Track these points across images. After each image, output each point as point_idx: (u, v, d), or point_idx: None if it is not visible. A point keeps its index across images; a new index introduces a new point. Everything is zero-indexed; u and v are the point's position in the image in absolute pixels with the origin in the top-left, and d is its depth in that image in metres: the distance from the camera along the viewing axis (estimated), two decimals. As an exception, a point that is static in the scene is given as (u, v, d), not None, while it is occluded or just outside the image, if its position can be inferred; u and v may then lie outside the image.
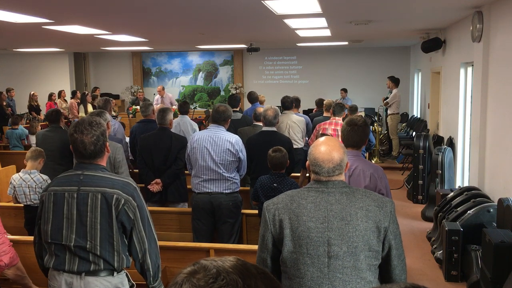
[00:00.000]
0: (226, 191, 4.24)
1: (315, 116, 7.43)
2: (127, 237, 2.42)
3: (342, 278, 1.98)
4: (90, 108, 10.56)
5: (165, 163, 4.84)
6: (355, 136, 2.99)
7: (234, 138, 4.24)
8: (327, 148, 2.08)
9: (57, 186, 2.44)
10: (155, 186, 4.81)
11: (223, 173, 4.20)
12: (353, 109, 7.69)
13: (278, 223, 2.05)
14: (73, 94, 11.86)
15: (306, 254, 1.99)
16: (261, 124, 5.45)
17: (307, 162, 2.15)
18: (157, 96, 11.80)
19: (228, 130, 4.41)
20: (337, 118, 5.89)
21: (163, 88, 11.88)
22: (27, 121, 10.98)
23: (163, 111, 4.99)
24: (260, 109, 5.64)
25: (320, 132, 5.83)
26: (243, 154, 4.29)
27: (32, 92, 12.10)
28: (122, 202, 2.35)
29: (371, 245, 1.99)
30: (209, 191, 4.23)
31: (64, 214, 2.38)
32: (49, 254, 2.45)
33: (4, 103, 11.04)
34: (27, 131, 8.90)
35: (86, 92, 10.70)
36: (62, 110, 8.59)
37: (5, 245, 3.43)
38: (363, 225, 1.98)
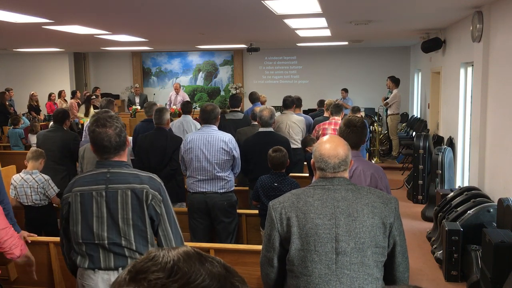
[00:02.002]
0: (221, 191, 4.26)
1: (316, 116, 7.45)
2: (155, 233, 2.43)
3: (350, 275, 1.99)
4: (91, 109, 10.54)
5: (161, 163, 4.85)
6: (354, 137, 3.00)
7: (228, 137, 4.27)
8: (332, 144, 2.12)
9: (82, 186, 2.40)
10: None
11: (217, 173, 4.22)
12: (355, 109, 7.77)
13: (285, 221, 2.06)
14: (73, 94, 11.85)
15: (314, 251, 2.00)
16: None
17: (312, 160, 2.17)
18: (172, 93, 11.95)
19: (229, 130, 4.42)
20: (336, 118, 5.92)
21: (180, 86, 12.21)
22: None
23: (160, 111, 5.00)
24: (258, 109, 5.63)
25: (320, 133, 5.84)
26: (237, 152, 4.32)
27: (32, 92, 12.10)
28: (150, 197, 2.36)
29: (378, 241, 2.01)
30: (204, 190, 4.26)
31: (94, 213, 2.37)
32: (81, 255, 2.43)
33: (7, 103, 11.03)
34: (22, 130, 8.92)
35: (93, 96, 10.69)
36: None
37: (14, 238, 3.42)
38: (369, 221, 2.00)
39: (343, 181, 2.09)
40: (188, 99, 11.79)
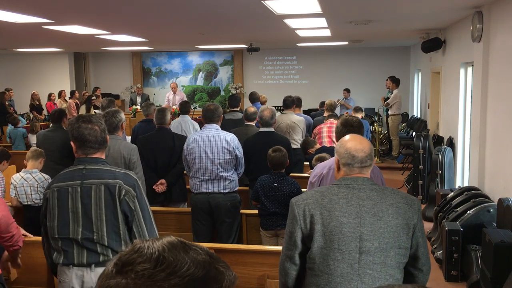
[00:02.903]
0: (224, 191, 4.24)
1: (316, 116, 7.49)
2: (129, 229, 2.44)
3: (372, 275, 1.98)
4: (91, 110, 10.55)
5: (169, 163, 4.83)
6: None
7: (230, 136, 4.26)
8: (356, 140, 2.14)
9: (60, 182, 2.45)
10: (160, 186, 4.80)
11: (221, 173, 4.20)
12: (357, 109, 7.80)
13: (308, 218, 2.04)
14: (72, 94, 11.84)
15: (337, 250, 1.99)
16: (252, 123, 5.41)
17: (336, 158, 2.16)
18: (170, 92, 11.94)
19: (228, 130, 4.41)
20: (332, 118, 5.97)
21: (177, 85, 12.19)
22: (27, 121, 10.97)
23: (162, 111, 4.99)
24: (251, 109, 5.54)
25: (317, 132, 5.89)
26: (239, 152, 4.30)
27: (33, 91, 12.10)
28: (123, 192, 2.38)
29: (401, 242, 2.01)
30: (207, 191, 4.23)
31: (69, 209, 2.41)
32: (57, 251, 2.47)
33: (6, 103, 11.03)
34: (25, 130, 8.91)
35: (94, 96, 10.65)
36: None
37: (18, 230, 3.43)
38: (394, 222, 2.00)
39: (367, 180, 2.09)
40: (185, 98, 11.79)
